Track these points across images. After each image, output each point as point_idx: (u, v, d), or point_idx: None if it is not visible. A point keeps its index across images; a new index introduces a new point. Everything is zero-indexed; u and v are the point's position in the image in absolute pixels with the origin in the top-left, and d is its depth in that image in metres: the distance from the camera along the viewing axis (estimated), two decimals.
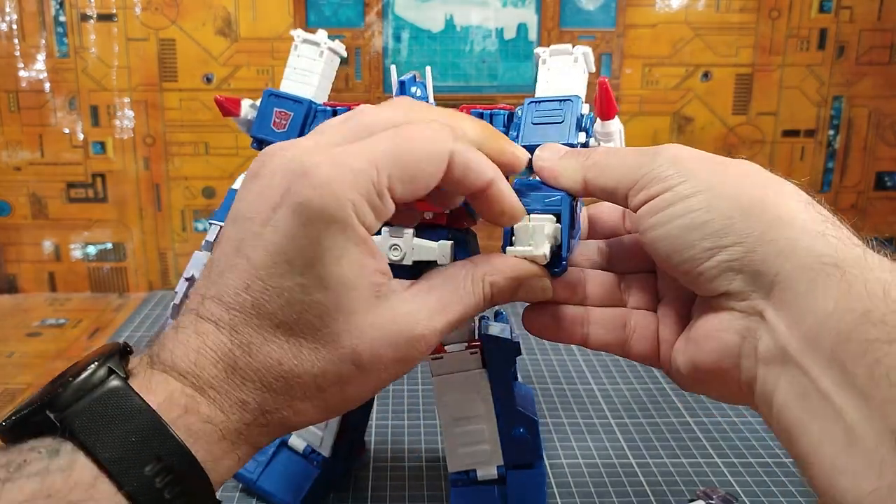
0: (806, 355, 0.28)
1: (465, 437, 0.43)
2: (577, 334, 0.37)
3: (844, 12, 0.89)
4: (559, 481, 0.53)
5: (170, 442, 0.26)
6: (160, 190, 0.91)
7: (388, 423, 0.61)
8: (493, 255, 0.34)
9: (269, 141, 0.44)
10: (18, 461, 0.24)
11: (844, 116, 0.92)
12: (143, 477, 0.25)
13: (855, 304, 0.26)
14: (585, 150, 0.36)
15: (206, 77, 0.88)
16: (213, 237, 0.42)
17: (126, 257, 0.93)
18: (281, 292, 0.28)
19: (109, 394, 0.26)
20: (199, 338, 0.28)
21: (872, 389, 0.25)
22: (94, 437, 0.25)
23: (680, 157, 0.32)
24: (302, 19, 0.87)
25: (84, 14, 0.86)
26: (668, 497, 0.51)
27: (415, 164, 0.29)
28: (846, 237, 0.29)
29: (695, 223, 0.31)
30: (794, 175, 0.32)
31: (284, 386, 0.28)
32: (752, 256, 0.30)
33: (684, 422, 0.61)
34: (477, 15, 0.87)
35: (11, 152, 0.89)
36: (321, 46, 0.46)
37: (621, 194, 0.34)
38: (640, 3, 0.88)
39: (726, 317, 0.31)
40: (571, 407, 0.64)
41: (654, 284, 0.37)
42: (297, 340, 0.28)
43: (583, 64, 0.41)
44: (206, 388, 0.27)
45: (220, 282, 0.28)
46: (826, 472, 0.26)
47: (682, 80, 0.90)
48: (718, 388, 0.33)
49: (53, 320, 0.84)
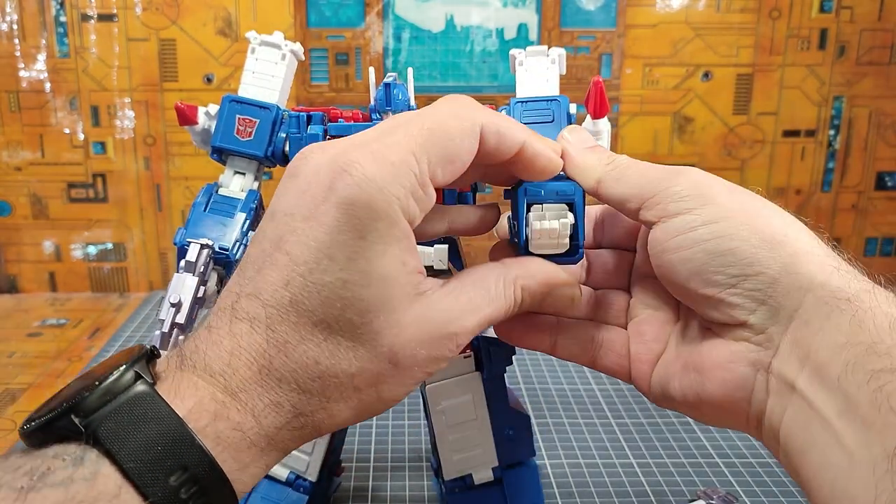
0: (812, 386, 0.28)
1: (460, 443, 0.42)
2: (544, 342, 0.37)
3: (845, 12, 0.89)
4: (559, 481, 0.53)
5: (196, 451, 0.25)
6: (160, 190, 0.91)
7: (388, 423, 0.61)
8: (526, 258, 0.33)
9: (232, 151, 0.42)
10: (42, 469, 0.24)
11: (845, 116, 0.92)
12: (168, 487, 0.25)
13: (864, 337, 0.27)
14: (609, 153, 0.35)
15: (207, 77, 0.88)
16: (195, 257, 0.39)
17: (126, 257, 0.93)
18: (321, 288, 0.27)
19: (136, 399, 0.25)
20: (234, 339, 0.27)
21: (873, 415, 0.25)
22: (119, 444, 0.25)
23: (701, 183, 0.32)
24: (302, 19, 0.87)
25: (84, 14, 0.86)
26: (668, 497, 0.51)
27: (451, 143, 0.29)
28: (856, 272, 0.30)
29: (719, 249, 0.31)
30: (795, 175, 0.33)
31: (320, 387, 0.28)
32: (776, 288, 0.30)
33: (684, 422, 0.61)
34: (477, 15, 0.87)
35: (12, 152, 0.89)
36: (283, 49, 0.44)
37: (634, 206, 0.33)
38: (641, 3, 0.88)
39: (738, 348, 0.31)
40: (572, 407, 0.64)
41: (625, 301, 0.37)
42: (336, 338, 0.27)
43: (557, 66, 0.41)
44: (238, 392, 0.27)
45: (258, 278, 0.28)
46: (826, 497, 0.26)
47: (683, 80, 0.90)
48: (722, 419, 0.33)
49: (54, 320, 0.84)
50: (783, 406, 0.29)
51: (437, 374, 0.41)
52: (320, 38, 0.88)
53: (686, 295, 0.32)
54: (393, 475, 0.53)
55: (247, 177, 0.43)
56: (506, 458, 0.43)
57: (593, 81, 0.39)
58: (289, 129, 0.41)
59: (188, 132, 0.44)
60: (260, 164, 0.43)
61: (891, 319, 0.27)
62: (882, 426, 0.25)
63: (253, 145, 0.42)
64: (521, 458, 0.43)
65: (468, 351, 0.41)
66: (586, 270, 0.38)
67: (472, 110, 0.30)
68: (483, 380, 0.42)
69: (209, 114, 0.44)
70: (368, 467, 0.54)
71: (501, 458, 0.43)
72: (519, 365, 0.71)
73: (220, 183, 0.43)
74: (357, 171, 0.27)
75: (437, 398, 0.42)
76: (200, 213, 0.41)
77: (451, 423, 0.42)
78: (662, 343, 0.35)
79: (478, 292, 0.31)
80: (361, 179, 0.27)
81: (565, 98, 0.39)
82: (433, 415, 0.42)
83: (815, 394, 0.28)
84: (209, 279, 0.40)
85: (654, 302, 0.36)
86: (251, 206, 0.42)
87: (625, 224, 0.38)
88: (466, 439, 0.42)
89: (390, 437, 0.58)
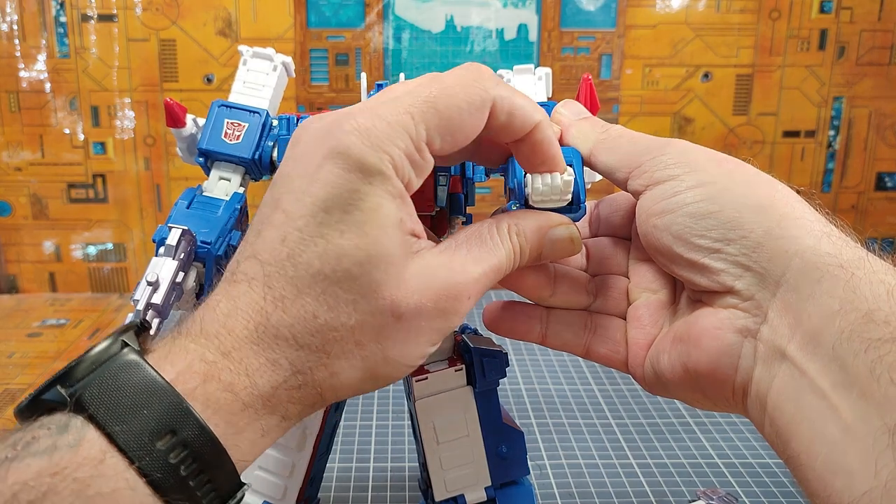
0: (805, 354, 0.27)
1: (451, 461, 0.40)
2: (534, 332, 0.36)
3: (845, 13, 0.89)
4: (559, 482, 0.53)
5: (184, 414, 0.24)
6: (161, 190, 0.91)
7: (388, 423, 0.61)
8: (516, 211, 0.33)
9: (219, 154, 0.42)
10: (27, 439, 0.23)
11: (845, 117, 0.92)
12: (155, 451, 0.24)
13: (859, 304, 0.26)
14: (603, 123, 0.35)
15: (207, 77, 0.88)
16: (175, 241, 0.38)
17: (127, 257, 0.93)
18: (318, 240, 0.27)
19: (121, 366, 0.25)
20: (231, 301, 0.27)
21: (872, 387, 0.25)
22: (103, 409, 0.24)
23: (688, 150, 0.32)
24: (302, 19, 0.87)
25: (85, 14, 0.86)
26: (668, 497, 0.51)
27: (455, 114, 0.28)
28: (849, 240, 0.29)
29: (702, 212, 0.30)
30: (795, 176, 0.33)
31: (320, 342, 0.27)
32: (760, 253, 0.29)
33: (684, 422, 0.61)
34: (477, 15, 0.87)
35: (12, 152, 0.89)
36: (274, 61, 0.44)
37: (623, 175, 0.33)
38: (641, 4, 0.88)
39: (726, 315, 0.31)
40: (572, 407, 0.64)
41: (625, 285, 0.37)
42: (334, 290, 0.27)
43: (543, 84, 0.41)
44: (231, 351, 0.26)
45: (257, 241, 0.28)
46: (819, 472, 0.26)
47: (683, 81, 0.90)
48: (708, 391, 0.32)
49: (54, 321, 0.84)
50: (771, 374, 0.29)
51: (430, 388, 0.40)
52: (320, 39, 0.88)
53: (672, 261, 0.32)
54: (393, 475, 0.53)
55: (231, 182, 0.42)
56: (499, 476, 0.41)
57: (583, 78, 0.39)
58: (279, 133, 0.41)
59: (175, 136, 0.44)
60: (246, 171, 0.42)
61: (888, 287, 0.26)
62: (882, 399, 0.24)
63: (240, 148, 0.41)
64: (514, 477, 0.42)
65: (459, 364, 0.40)
66: (586, 258, 0.38)
67: (486, 82, 0.29)
68: (475, 394, 0.40)
69: (197, 122, 0.44)
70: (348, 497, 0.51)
71: (494, 476, 0.41)
72: (519, 365, 0.71)
73: (203, 188, 0.42)
74: (350, 124, 0.27)
75: (426, 413, 0.40)
76: (183, 210, 0.40)
77: (442, 440, 0.40)
78: (658, 327, 0.35)
79: (474, 244, 0.30)
80: (354, 131, 0.27)
81: (553, 104, 0.39)
82: (423, 431, 0.40)
83: (807, 362, 0.27)
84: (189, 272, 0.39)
85: (652, 285, 0.35)
86: (235, 207, 0.41)
87: (621, 212, 0.38)
88: (458, 457, 0.40)
89: (391, 437, 0.58)
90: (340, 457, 0.56)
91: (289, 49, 0.87)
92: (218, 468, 0.25)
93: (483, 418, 0.41)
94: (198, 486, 0.25)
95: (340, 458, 0.56)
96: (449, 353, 0.40)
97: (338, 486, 0.53)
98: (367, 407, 0.63)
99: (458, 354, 0.41)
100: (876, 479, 0.24)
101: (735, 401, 0.31)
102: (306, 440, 0.41)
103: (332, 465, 0.55)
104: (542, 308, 0.36)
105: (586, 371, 0.70)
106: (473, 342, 0.40)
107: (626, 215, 0.37)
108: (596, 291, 0.37)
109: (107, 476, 0.23)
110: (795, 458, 0.27)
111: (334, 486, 0.53)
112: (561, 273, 0.36)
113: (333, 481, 0.53)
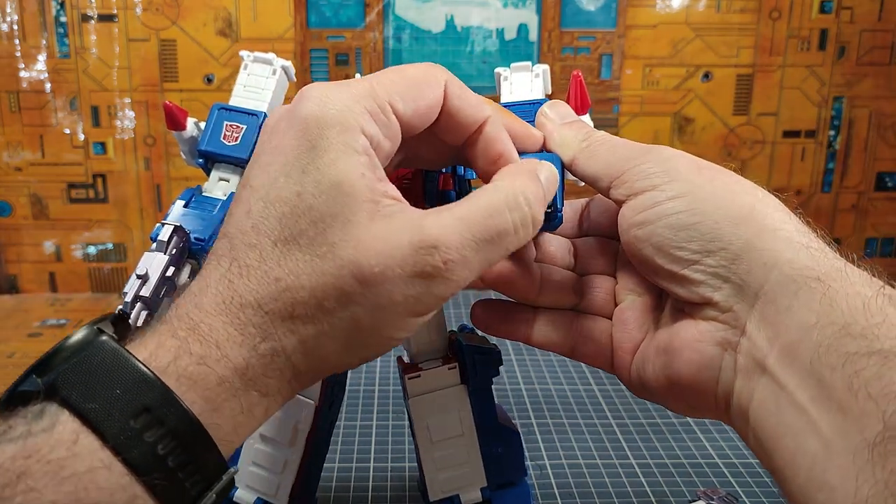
0: (784, 368, 0.27)
1: (445, 461, 0.40)
2: (520, 331, 0.36)
3: (845, 13, 0.89)
4: (559, 482, 0.53)
5: (157, 391, 0.24)
6: (161, 190, 0.91)
7: (388, 423, 0.61)
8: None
9: (218, 155, 0.42)
10: (3, 428, 0.24)
11: (845, 117, 0.92)
12: (129, 430, 0.24)
13: (836, 317, 0.26)
14: (587, 129, 0.35)
15: (207, 77, 0.88)
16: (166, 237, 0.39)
17: (127, 258, 0.93)
18: (277, 205, 0.27)
19: (94, 350, 0.25)
20: (202, 280, 0.27)
21: (850, 402, 0.25)
22: (75, 391, 0.24)
23: (669, 159, 0.32)
24: (302, 20, 0.87)
25: (85, 14, 0.86)
26: (668, 497, 0.51)
27: (414, 85, 0.29)
28: (828, 250, 0.29)
29: (682, 223, 0.30)
30: (795, 176, 0.32)
31: (283, 306, 0.26)
32: (739, 264, 0.29)
33: (684, 422, 0.61)
34: (477, 15, 0.87)
35: (12, 153, 0.89)
36: (274, 65, 0.45)
37: (604, 184, 0.33)
38: (641, 4, 0.88)
39: (706, 327, 0.31)
40: (572, 407, 0.64)
41: (612, 285, 0.37)
42: (293, 254, 0.26)
43: (541, 80, 0.41)
44: (200, 324, 0.26)
45: (228, 220, 0.28)
46: (802, 486, 0.26)
47: (683, 81, 0.90)
48: (691, 401, 0.32)
49: (54, 321, 0.84)
50: (751, 387, 0.29)
51: (422, 386, 0.39)
52: (320, 39, 0.88)
53: (654, 272, 0.32)
54: (393, 475, 0.53)
55: (231, 183, 0.43)
56: (495, 477, 0.41)
57: (573, 75, 0.39)
58: None
59: (177, 139, 0.45)
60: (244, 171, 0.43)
61: (864, 299, 0.26)
62: (860, 413, 0.24)
63: (238, 149, 0.42)
64: (511, 478, 0.41)
65: (453, 362, 0.40)
66: (574, 256, 0.38)
67: (438, 70, 0.31)
68: (469, 392, 0.40)
69: (198, 125, 0.44)
70: (348, 497, 0.51)
71: (490, 477, 0.40)
72: (519, 365, 0.71)
73: (203, 188, 0.43)
74: (314, 93, 0.28)
75: (420, 412, 0.40)
76: (179, 208, 0.41)
77: (436, 440, 0.40)
78: (644, 332, 0.34)
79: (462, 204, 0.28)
80: (317, 98, 0.28)
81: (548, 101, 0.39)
82: (417, 430, 0.40)
83: (786, 377, 0.27)
84: (182, 269, 0.39)
85: (638, 287, 0.35)
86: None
87: (610, 212, 0.37)
88: (452, 457, 0.40)
89: (391, 437, 0.58)
90: (340, 457, 0.56)
91: (289, 49, 0.87)
92: (198, 448, 0.25)
93: (478, 417, 0.40)
94: (178, 466, 0.24)
95: (340, 459, 0.56)
96: (443, 352, 0.40)
97: (338, 486, 0.52)
98: (367, 407, 0.63)
99: (453, 352, 0.40)
100: (857, 496, 0.24)
101: (719, 411, 0.31)
102: (298, 435, 0.41)
103: (332, 465, 0.54)
104: (528, 307, 0.36)
105: (586, 371, 0.70)
106: (467, 340, 0.40)
107: (614, 216, 0.37)
108: (583, 291, 0.37)
109: (80, 456, 0.23)
110: (779, 471, 0.27)
111: (334, 486, 0.52)
112: (547, 273, 0.36)
113: (333, 481, 0.53)
